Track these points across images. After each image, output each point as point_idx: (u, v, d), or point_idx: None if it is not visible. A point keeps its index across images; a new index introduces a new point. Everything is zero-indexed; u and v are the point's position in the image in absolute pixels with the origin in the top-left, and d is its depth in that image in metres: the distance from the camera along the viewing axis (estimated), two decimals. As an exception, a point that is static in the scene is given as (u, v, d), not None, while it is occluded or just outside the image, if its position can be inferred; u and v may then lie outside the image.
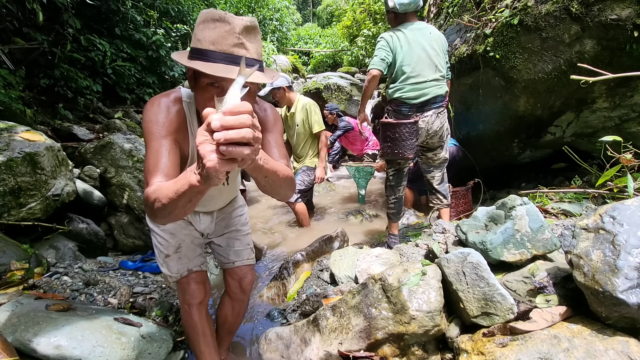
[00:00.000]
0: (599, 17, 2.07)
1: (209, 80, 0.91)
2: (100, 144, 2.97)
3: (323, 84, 6.68)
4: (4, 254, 1.79)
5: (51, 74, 4.19)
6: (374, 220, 3.60)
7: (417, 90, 2.21)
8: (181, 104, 1.07)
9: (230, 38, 0.89)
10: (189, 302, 1.35)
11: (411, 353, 1.18)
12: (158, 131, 0.97)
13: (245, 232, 1.52)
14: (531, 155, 3.30)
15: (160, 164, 0.92)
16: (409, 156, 2.25)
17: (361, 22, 8.73)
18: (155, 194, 0.81)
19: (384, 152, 2.35)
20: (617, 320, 0.93)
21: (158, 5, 6.02)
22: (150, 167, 0.92)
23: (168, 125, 1.00)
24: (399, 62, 2.22)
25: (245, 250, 1.50)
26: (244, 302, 1.54)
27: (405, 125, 2.20)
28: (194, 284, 1.34)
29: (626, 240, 0.93)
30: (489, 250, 1.29)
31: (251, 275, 1.52)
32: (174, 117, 1.03)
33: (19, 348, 1.15)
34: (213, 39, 0.89)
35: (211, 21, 0.89)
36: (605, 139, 1.64)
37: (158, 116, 0.99)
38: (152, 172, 0.91)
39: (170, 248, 1.30)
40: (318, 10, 18.50)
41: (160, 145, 0.95)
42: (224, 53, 0.89)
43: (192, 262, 1.35)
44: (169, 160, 0.94)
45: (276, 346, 1.51)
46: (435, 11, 3.97)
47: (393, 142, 2.24)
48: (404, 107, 2.25)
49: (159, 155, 0.93)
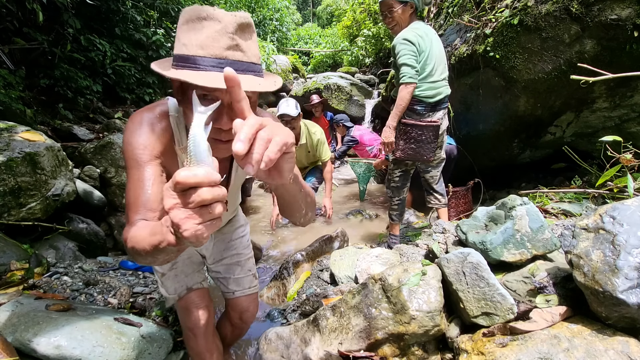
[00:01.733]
0: (599, 17, 2.07)
1: (199, 92, 0.72)
2: (100, 144, 2.97)
3: (323, 84, 6.68)
4: (4, 254, 1.79)
5: (51, 74, 4.19)
6: (374, 220, 3.60)
7: (433, 89, 2.18)
8: (168, 120, 0.90)
9: (222, 39, 0.73)
10: (194, 332, 1.21)
11: (411, 353, 1.18)
12: (139, 156, 0.81)
13: (247, 257, 1.40)
14: (531, 155, 3.31)
15: (142, 197, 0.77)
16: (430, 158, 2.24)
17: (361, 22, 8.73)
18: (132, 241, 0.68)
19: (406, 153, 2.25)
20: (617, 320, 0.93)
21: (158, 5, 6.02)
22: (130, 200, 0.77)
23: (151, 148, 0.84)
24: (422, 61, 2.11)
25: (247, 278, 1.38)
26: (244, 329, 1.46)
27: (432, 128, 2.18)
28: (194, 310, 1.20)
29: (626, 240, 0.93)
30: (489, 250, 1.29)
31: (253, 307, 1.40)
32: (159, 136, 0.86)
33: (19, 348, 1.15)
34: (201, 42, 0.72)
35: (197, 20, 0.73)
36: (605, 139, 1.64)
37: (140, 138, 0.83)
38: (133, 208, 0.76)
39: (165, 266, 1.19)
40: (318, 10, 18.50)
41: (143, 173, 0.80)
42: (216, 58, 0.73)
43: (190, 278, 1.22)
44: (153, 192, 0.78)
45: (276, 346, 1.51)
46: (435, 11, 3.97)
47: (418, 143, 2.20)
48: (419, 105, 2.19)
49: (142, 187, 0.78)
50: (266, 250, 2.92)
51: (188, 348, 1.28)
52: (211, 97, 0.74)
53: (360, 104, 6.76)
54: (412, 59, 2.05)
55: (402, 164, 2.38)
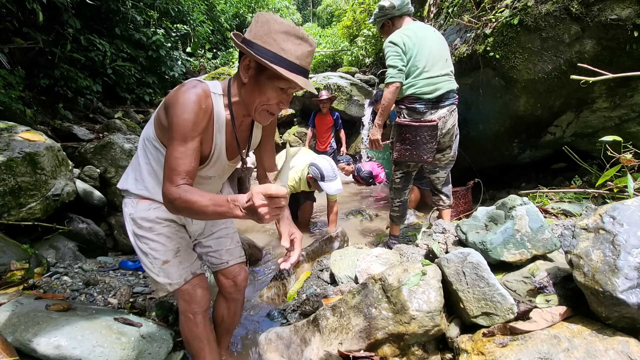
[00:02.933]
0: (599, 17, 2.07)
1: (285, 85, 1.03)
2: (100, 144, 2.97)
3: (323, 84, 6.68)
4: (4, 254, 1.79)
5: (51, 74, 4.19)
6: (374, 220, 3.60)
7: (430, 85, 2.12)
8: (210, 98, 1.07)
9: (309, 58, 1.04)
10: (194, 311, 1.29)
11: (411, 353, 1.18)
12: (189, 132, 0.99)
13: (234, 230, 1.54)
14: (531, 155, 3.31)
15: (187, 166, 0.97)
16: (427, 159, 2.17)
17: (361, 22, 8.73)
18: (187, 203, 0.92)
19: (401, 154, 2.22)
20: (617, 320, 0.93)
21: (158, 5, 6.02)
22: (175, 165, 0.97)
23: (199, 124, 1.01)
24: (411, 59, 2.12)
25: (237, 248, 1.51)
26: (239, 300, 1.54)
27: (427, 128, 2.11)
28: (199, 290, 1.29)
29: (626, 240, 0.93)
30: (489, 250, 1.29)
31: (244, 272, 1.53)
32: (204, 114, 1.04)
33: (19, 348, 1.15)
34: (298, 55, 1.00)
35: (295, 37, 1.00)
36: (605, 139, 1.64)
37: (190, 114, 0.99)
38: (177, 172, 0.96)
39: (169, 253, 1.25)
40: (318, 10, 18.49)
41: (189, 147, 0.99)
42: (304, 68, 1.02)
43: (193, 265, 1.31)
44: (194, 164, 1.00)
45: (276, 346, 1.50)
46: (435, 11, 3.97)
47: (413, 144, 2.15)
48: (418, 103, 2.14)
49: (187, 157, 0.98)
50: (266, 250, 2.92)
51: (187, 334, 1.32)
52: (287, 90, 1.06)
53: (360, 104, 6.75)
54: (395, 60, 2.11)
55: (404, 166, 2.33)
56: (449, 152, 2.31)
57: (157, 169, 1.21)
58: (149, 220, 1.23)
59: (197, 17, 7.14)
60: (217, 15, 10.27)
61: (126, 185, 1.26)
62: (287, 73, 0.97)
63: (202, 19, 7.26)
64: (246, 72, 1.05)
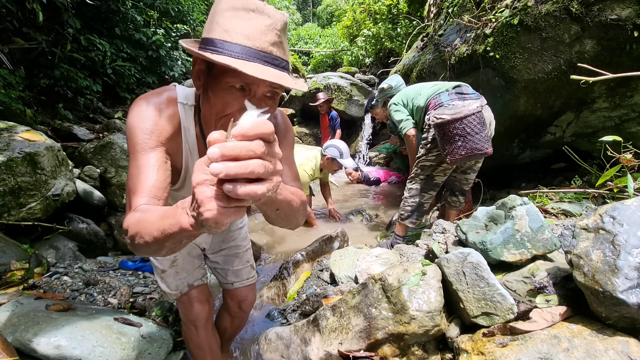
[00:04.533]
0: (599, 17, 2.07)
1: (237, 81, 0.73)
2: (100, 144, 2.97)
3: (323, 84, 6.68)
4: (4, 254, 1.79)
5: (51, 74, 4.19)
6: (374, 220, 3.60)
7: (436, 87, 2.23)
8: (176, 107, 0.88)
9: (270, 34, 0.73)
10: (195, 324, 1.24)
11: (411, 353, 1.18)
12: (145, 141, 0.78)
13: (245, 248, 1.40)
14: (531, 155, 3.31)
15: (146, 182, 0.74)
16: (487, 150, 1.97)
17: (361, 22, 8.73)
18: (137, 227, 0.65)
19: (456, 154, 1.99)
20: (617, 320, 0.93)
21: (158, 5, 6.02)
22: (133, 185, 0.74)
23: (158, 133, 0.81)
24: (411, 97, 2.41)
25: (245, 269, 1.39)
26: (244, 318, 1.49)
27: (473, 117, 1.94)
28: (197, 304, 1.23)
29: (626, 240, 0.93)
30: (489, 250, 1.29)
31: (251, 296, 1.42)
32: (166, 122, 0.84)
33: (19, 348, 1.15)
34: (249, 33, 0.72)
35: (243, 10, 0.72)
36: (605, 139, 1.64)
37: (146, 122, 0.80)
38: (136, 193, 0.73)
39: (165, 262, 1.19)
40: (318, 10, 18.50)
41: (148, 159, 0.77)
42: (261, 51, 0.72)
43: (191, 275, 1.24)
44: (157, 178, 0.76)
45: (276, 346, 1.50)
46: (435, 11, 3.97)
47: (464, 138, 1.95)
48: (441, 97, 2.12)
49: (145, 173, 0.75)
50: (266, 250, 2.92)
51: (188, 341, 1.29)
52: (247, 87, 0.75)
53: (360, 104, 6.75)
54: (399, 114, 2.46)
55: (429, 169, 2.26)
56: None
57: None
58: None
59: (197, 17, 7.14)
60: (217, 15, 10.23)
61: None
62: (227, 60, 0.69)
63: (202, 19, 7.26)
64: (198, 80, 0.82)
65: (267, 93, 0.77)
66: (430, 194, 2.32)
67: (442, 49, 3.22)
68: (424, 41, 3.91)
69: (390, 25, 7.57)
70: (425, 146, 2.25)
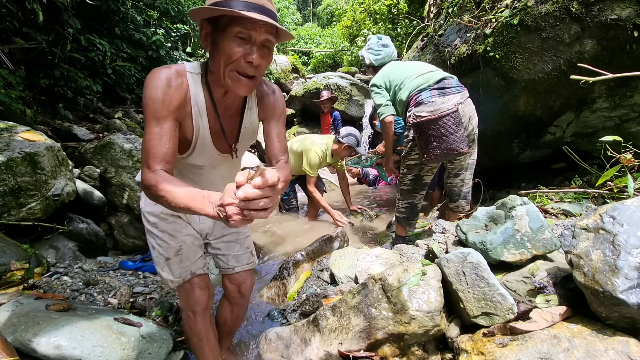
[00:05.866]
0: (599, 17, 2.07)
1: (240, 29, 0.90)
2: (100, 144, 2.97)
3: (323, 84, 6.68)
4: (4, 254, 1.79)
5: (51, 74, 4.19)
6: (374, 220, 3.60)
7: (421, 78, 2.12)
8: (184, 77, 1.00)
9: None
10: (194, 309, 1.29)
11: (411, 353, 1.18)
12: (158, 110, 0.93)
13: (245, 235, 1.47)
14: (531, 155, 3.31)
15: (160, 149, 0.91)
16: (462, 149, 1.97)
17: (361, 22, 8.72)
18: (163, 191, 0.84)
19: (432, 154, 2.02)
20: (617, 320, 0.93)
21: (158, 5, 6.02)
22: (150, 150, 0.91)
23: (168, 102, 0.94)
24: (395, 83, 2.29)
25: (245, 255, 1.46)
26: (243, 305, 1.52)
27: (448, 117, 1.96)
28: (198, 289, 1.28)
29: (626, 240, 0.93)
30: (489, 250, 1.29)
31: (250, 280, 1.48)
32: (175, 92, 0.97)
33: (19, 348, 1.15)
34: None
35: None
36: (605, 139, 1.64)
37: (158, 92, 0.93)
38: (153, 157, 0.90)
39: (171, 250, 1.24)
40: (318, 10, 18.50)
41: (161, 127, 0.93)
42: (256, 4, 0.90)
43: (195, 264, 1.29)
44: (170, 146, 0.93)
45: (276, 346, 1.51)
46: (435, 11, 3.97)
47: (439, 139, 1.97)
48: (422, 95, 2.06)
49: (160, 140, 0.92)
50: (266, 250, 2.92)
51: (187, 331, 1.34)
52: (245, 35, 0.91)
53: (360, 103, 6.76)
54: (379, 98, 2.36)
55: (415, 169, 2.24)
56: (474, 149, 2.21)
57: None
58: (154, 215, 1.22)
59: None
60: (217, 15, 10.23)
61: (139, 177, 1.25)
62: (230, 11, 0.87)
63: (202, 19, 7.27)
64: (206, 41, 0.98)
65: (264, 42, 0.94)
66: (421, 193, 2.34)
67: (442, 49, 3.22)
68: (424, 41, 3.91)
69: (390, 25, 7.57)
70: (408, 144, 2.24)
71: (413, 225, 2.42)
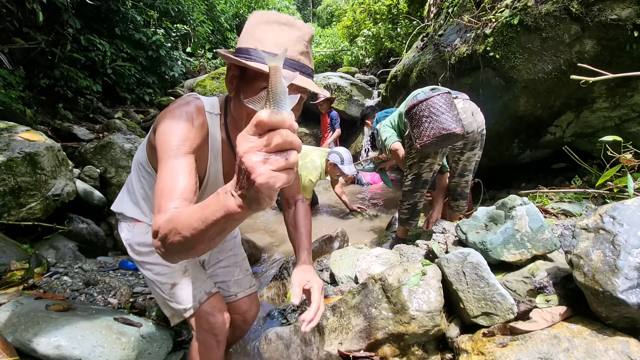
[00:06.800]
0: (599, 17, 2.07)
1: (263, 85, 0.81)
2: (100, 144, 2.97)
3: (323, 84, 6.68)
4: (4, 254, 1.79)
5: (51, 74, 4.19)
6: (374, 220, 3.60)
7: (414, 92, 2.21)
8: (204, 115, 0.92)
9: (298, 45, 0.83)
10: (218, 338, 1.14)
11: (411, 353, 1.18)
12: (179, 147, 0.81)
13: (242, 256, 1.41)
14: (531, 155, 3.31)
15: (178, 186, 0.74)
16: (456, 130, 1.88)
17: (361, 22, 8.72)
18: (172, 223, 0.64)
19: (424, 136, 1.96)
20: (617, 320, 0.93)
21: (158, 5, 6.02)
22: (165, 189, 0.74)
23: (191, 142, 0.84)
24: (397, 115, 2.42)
25: (246, 278, 1.38)
26: (245, 330, 1.47)
27: (438, 96, 1.94)
28: (218, 313, 1.14)
29: (626, 240, 0.93)
30: (489, 250, 1.29)
31: (255, 306, 1.41)
32: (198, 131, 0.88)
33: (19, 348, 1.15)
34: (279, 43, 0.81)
35: (276, 24, 0.83)
36: (605, 139, 1.64)
37: (180, 130, 0.84)
38: (167, 196, 0.72)
39: (176, 274, 1.12)
40: (318, 10, 18.50)
41: (180, 164, 0.79)
42: (291, 59, 0.82)
43: (206, 283, 1.17)
44: (189, 182, 0.77)
45: (276, 346, 1.51)
46: (435, 11, 3.97)
47: (430, 118, 1.92)
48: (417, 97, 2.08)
49: (178, 176, 0.76)
50: (266, 250, 2.92)
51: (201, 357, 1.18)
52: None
53: (360, 103, 6.75)
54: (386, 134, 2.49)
55: (414, 167, 2.26)
56: (479, 147, 2.23)
57: (151, 195, 1.08)
58: (147, 245, 1.12)
59: (197, 17, 7.14)
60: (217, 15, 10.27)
61: (121, 208, 1.17)
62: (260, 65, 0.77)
63: (202, 19, 7.27)
64: (231, 84, 0.90)
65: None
66: (421, 192, 2.35)
67: (442, 49, 3.22)
68: (424, 41, 3.91)
69: (390, 25, 7.57)
70: (407, 144, 2.29)
71: (414, 225, 2.44)
